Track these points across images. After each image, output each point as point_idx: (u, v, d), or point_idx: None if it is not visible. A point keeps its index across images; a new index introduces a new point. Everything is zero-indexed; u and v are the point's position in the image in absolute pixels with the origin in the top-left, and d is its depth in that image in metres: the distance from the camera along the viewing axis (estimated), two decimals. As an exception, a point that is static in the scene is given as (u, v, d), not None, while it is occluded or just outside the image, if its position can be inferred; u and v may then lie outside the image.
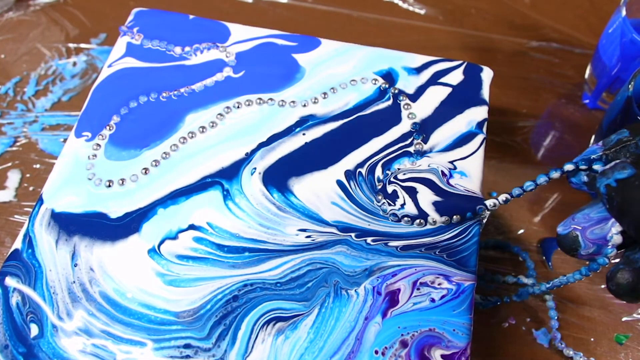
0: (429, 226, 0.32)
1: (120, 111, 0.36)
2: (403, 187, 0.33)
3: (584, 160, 0.30)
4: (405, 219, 0.32)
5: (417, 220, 0.32)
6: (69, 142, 0.35)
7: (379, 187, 0.33)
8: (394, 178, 0.33)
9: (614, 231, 0.28)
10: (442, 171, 0.34)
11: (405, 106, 0.37)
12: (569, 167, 0.30)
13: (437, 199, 0.33)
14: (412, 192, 0.33)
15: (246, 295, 0.30)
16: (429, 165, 0.34)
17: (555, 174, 0.30)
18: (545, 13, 0.52)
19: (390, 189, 0.33)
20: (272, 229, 0.32)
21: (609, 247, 0.29)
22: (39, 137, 0.44)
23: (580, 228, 0.30)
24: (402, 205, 0.33)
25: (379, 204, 0.33)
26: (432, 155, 0.35)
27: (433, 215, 0.32)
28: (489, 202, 0.32)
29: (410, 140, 0.36)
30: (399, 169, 0.34)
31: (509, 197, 0.31)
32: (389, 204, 0.33)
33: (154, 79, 0.37)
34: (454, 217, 0.32)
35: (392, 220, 0.33)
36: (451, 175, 0.34)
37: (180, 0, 0.53)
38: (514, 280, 0.39)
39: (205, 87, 0.37)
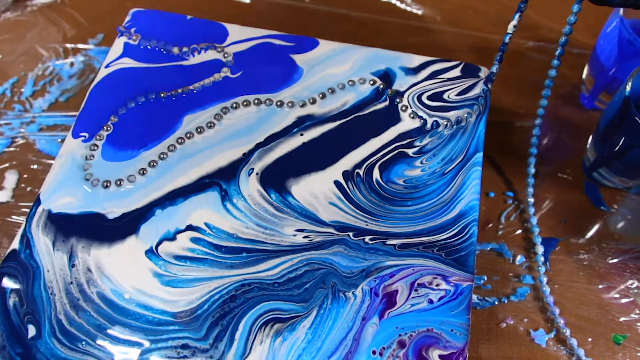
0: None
1: (117, 112, 0.36)
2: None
3: None
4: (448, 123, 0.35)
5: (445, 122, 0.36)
6: (66, 142, 0.35)
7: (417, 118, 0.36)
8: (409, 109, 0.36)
9: None
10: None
11: (403, 107, 0.37)
12: None
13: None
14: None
15: (244, 295, 0.30)
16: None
17: None
18: (542, 13, 0.52)
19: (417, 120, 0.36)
20: (269, 229, 0.32)
21: None
22: (37, 137, 0.44)
23: None
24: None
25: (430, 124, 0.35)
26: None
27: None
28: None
29: (407, 141, 0.36)
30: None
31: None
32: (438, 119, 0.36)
33: (152, 79, 0.37)
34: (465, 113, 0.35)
35: (445, 131, 0.35)
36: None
37: (177, 0, 0.52)
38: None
39: (203, 88, 0.37)
